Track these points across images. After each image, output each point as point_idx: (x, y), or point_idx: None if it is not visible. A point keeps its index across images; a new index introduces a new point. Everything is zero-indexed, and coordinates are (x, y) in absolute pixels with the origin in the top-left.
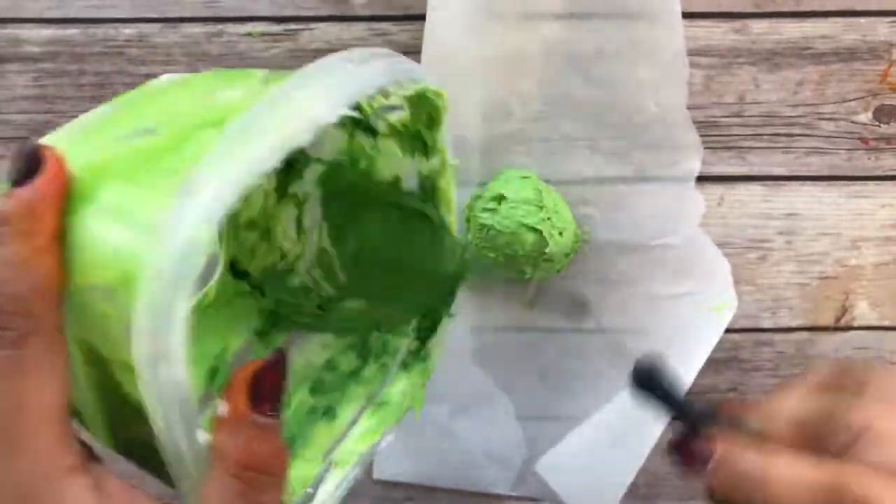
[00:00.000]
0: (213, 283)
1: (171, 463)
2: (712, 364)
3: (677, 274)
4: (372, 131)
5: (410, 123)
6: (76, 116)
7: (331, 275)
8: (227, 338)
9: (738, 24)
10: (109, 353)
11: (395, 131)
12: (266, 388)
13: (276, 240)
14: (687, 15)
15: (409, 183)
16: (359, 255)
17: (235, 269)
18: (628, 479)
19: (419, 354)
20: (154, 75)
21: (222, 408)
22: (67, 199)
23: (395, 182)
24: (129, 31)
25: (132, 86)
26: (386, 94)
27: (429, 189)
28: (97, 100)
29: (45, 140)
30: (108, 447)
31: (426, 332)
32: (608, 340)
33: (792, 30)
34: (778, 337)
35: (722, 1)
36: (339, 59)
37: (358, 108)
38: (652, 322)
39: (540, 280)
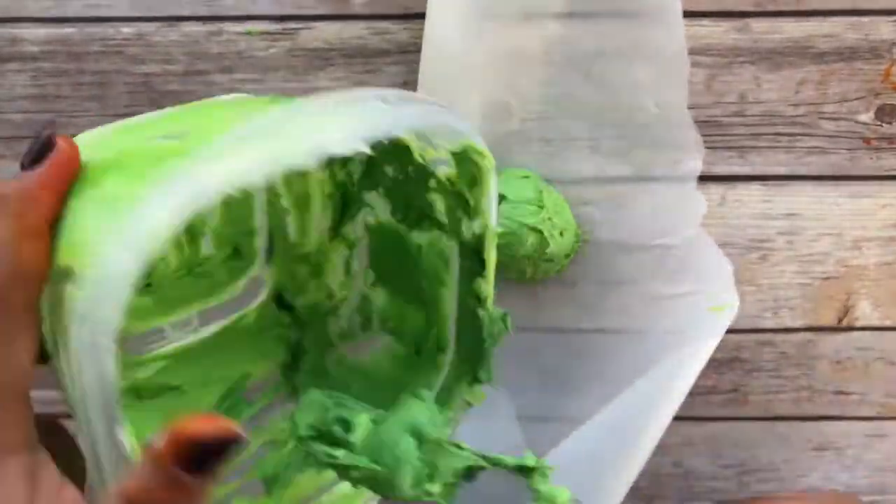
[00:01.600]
0: (255, 305)
1: (90, 466)
2: (713, 364)
3: (678, 274)
4: (422, 184)
5: (456, 180)
6: (75, 115)
7: (367, 325)
8: (252, 364)
9: (739, 22)
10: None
11: (441, 187)
12: (202, 455)
13: (326, 278)
14: (688, 14)
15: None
16: (394, 312)
17: (281, 300)
18: (630, 480)
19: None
20: (154, 74)
21: (157, 439)
22: (75, 185)
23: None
24: (127, 30)
25: (132, 85)
26: (432, 145)
27: (470, 257)
28: (96, 99)
29: (87, 133)
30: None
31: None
32: (608, 340)
33: (793, 29)
34: (779, 337)
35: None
36: (371, 94)
37: (409, 154)
38: (652, 322)
39: (540, 280)
